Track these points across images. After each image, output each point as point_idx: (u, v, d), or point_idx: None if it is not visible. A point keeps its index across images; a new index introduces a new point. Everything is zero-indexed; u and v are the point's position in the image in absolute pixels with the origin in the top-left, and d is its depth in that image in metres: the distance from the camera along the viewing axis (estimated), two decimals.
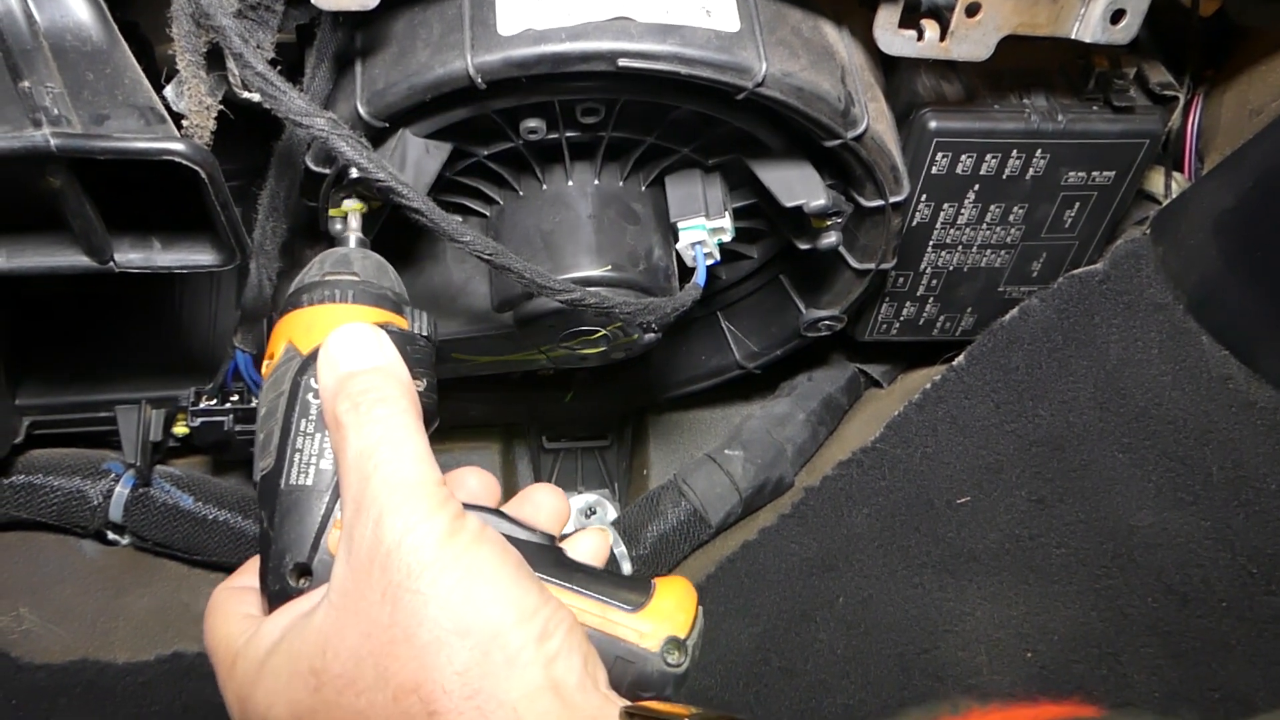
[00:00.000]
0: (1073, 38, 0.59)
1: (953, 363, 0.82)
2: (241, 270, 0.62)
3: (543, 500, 0.55)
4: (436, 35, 0.56)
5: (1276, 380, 0.68)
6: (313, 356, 0.49)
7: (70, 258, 0.57)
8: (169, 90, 0.55)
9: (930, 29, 0.58)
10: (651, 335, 0.70)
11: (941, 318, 0.85)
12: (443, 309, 0.74)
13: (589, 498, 1.00)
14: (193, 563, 0.88)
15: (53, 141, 0.49)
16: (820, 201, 0.65)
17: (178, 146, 0.51)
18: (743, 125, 0.63)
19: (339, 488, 0.45)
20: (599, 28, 0.55)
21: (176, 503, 0.83)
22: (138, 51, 0.52)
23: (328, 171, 0.58)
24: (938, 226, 0.76)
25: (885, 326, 0.85)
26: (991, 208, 0.75)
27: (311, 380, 0.48)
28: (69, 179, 0.52)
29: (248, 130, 0.57)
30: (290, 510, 0.47)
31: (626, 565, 0.88)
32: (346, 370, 0.47)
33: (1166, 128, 0.75)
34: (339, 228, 0.58)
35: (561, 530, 0.55)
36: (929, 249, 0.78)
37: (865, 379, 0.97)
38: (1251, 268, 0.68)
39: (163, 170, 0.51)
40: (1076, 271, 0.78)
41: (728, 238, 0.70)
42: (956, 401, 0.81)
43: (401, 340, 0.50)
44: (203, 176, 0.52)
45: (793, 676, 0.84)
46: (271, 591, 0.47)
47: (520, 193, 0.70)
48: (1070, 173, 0.74)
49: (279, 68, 0.50)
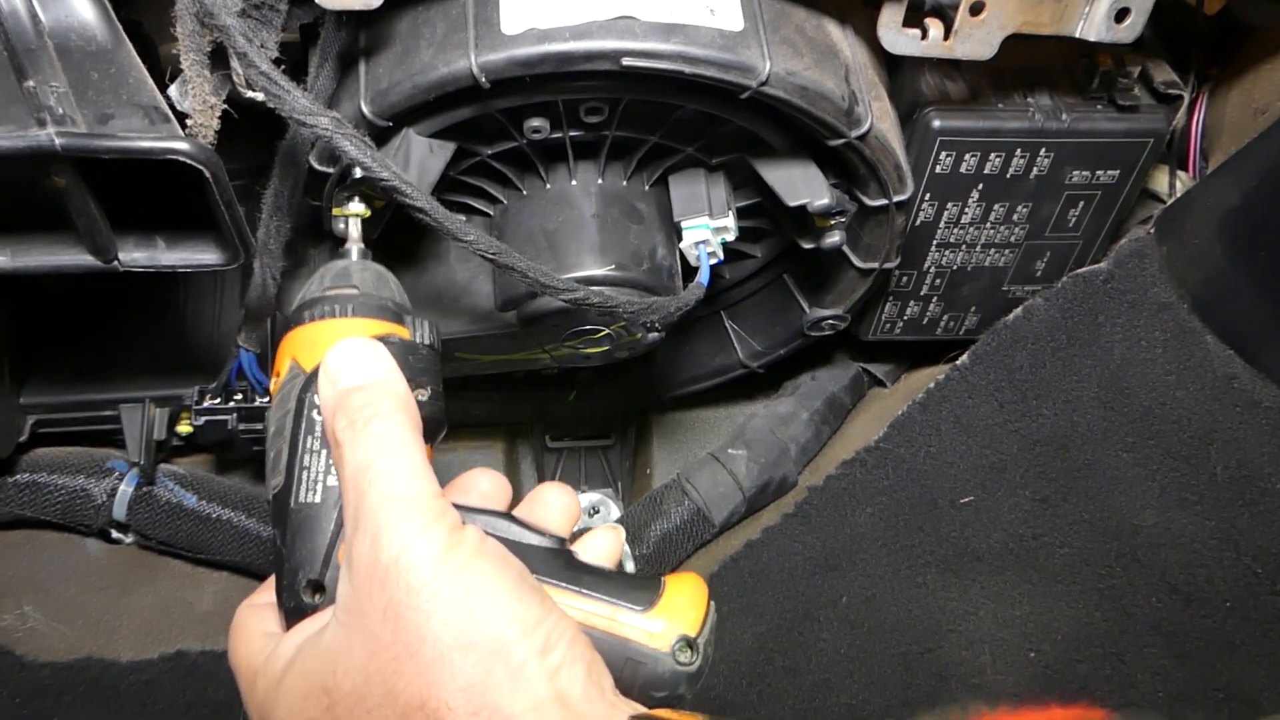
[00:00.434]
0: (1077, 36, 0.59)
1: (956, 362, 0.82)
2: (245, 269, 0.62)
3: (553, 499, 0.55)
4: (440, 34, 0.56)
5: None
6: (316, 373, 0.49)
7: (75, 257, 0.57)
8: (173, 90, 0.55)
9: (934, 28, 0.58)
10: (655, 334, 0.70)
11: (945, 317, 0.84)
12: (446, 308, 0.74)
13: (593, 497, 1.00)
14: (197, 561, 0.88)
15: (57, 141, 0.49)
16: (824, 201, 0.65)
17: (182, 146, 0.51)
18: (746, 124, 0.63)
19: None
20: (603, 27, 0.55)
21: (180, 501, 0.83)
22: (142, 51, 0.52)
23: (332, 171, 0.58)
24: (941, 225, 0.76)
25: (889, 326, 0.85)
26: (995, 207, 0.75)
27: (315, 397, 0.48)
28: (74, 178, 0.52)
29: (252, 129, 0.57)
30: (301, 527, 0.47)
31: (630, 564, 0.88)
32: (344, 386, 0.47)
33: (1171, 127, 0.74)
34: (343, 227, 0.58)
35: (573, 528, 0.55)
36: (933, 248, 0.78)
37: (869, 378, 0.97)
38: (1256, 267, 0.68)
39: (167, 169, 0.51)
40: (1081, 271, 0.77)
41: (731, 237, 0.70)
42: (960, 401, 0.81)
43: (402, 351, 0.50)
44: (207, 176, 0.52)
45: (796, 676, 0.84)
46: (288, 608, 0.47)
47: (524, 192, 0.70)
48: (1074, 172, 0.73)
49: (283, 67, 0.50)
